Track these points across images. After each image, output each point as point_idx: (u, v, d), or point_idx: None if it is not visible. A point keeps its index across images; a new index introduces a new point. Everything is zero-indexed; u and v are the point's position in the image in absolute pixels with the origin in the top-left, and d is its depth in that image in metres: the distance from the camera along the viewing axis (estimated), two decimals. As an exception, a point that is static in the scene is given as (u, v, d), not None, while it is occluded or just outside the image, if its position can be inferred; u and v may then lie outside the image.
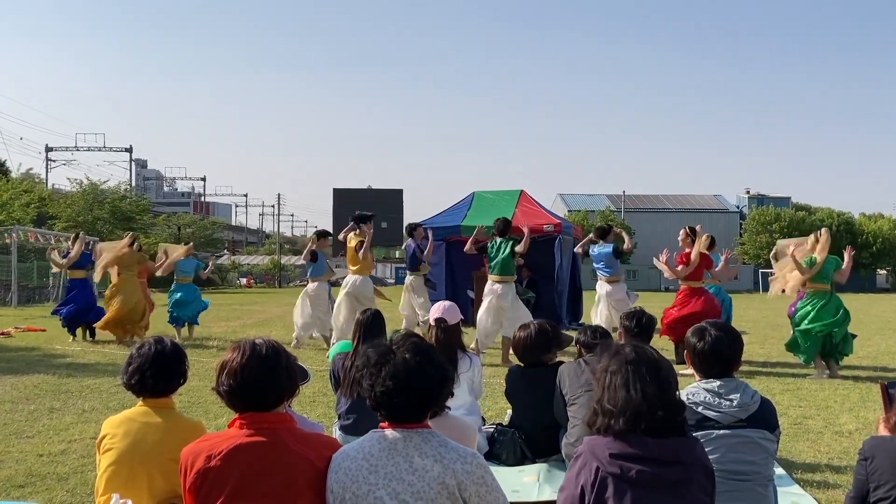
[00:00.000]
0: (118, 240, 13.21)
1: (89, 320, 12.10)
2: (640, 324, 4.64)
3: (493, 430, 4.80)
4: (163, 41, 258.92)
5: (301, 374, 2.81)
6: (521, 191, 16.92)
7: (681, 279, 9.58)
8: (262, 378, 2.35)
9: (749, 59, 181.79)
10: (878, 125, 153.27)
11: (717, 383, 2.90)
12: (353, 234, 10.91)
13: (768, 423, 2.92)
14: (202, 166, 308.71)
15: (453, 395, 2.49)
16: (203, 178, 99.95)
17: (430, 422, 2.31)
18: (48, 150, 64.25)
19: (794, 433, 5.85)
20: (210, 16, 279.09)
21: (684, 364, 5.05)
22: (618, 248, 10.56)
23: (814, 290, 8.84)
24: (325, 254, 11.46)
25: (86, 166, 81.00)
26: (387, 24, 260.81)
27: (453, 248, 14.95)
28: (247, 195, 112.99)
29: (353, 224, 10.92)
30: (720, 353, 2.91)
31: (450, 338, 4.62)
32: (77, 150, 66.45)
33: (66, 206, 39.70)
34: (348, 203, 78.99)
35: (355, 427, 4.16)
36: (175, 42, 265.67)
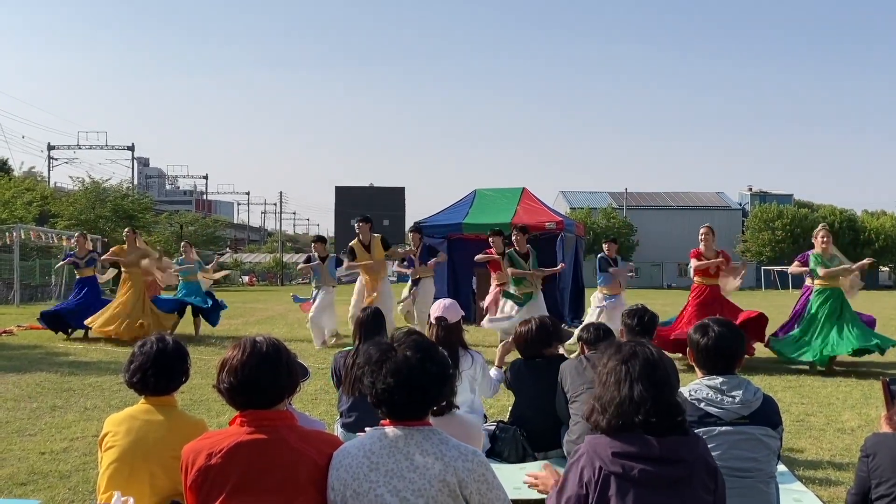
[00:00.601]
0: (120, 238, 13.15)
1: (79, 321, 12.02)
2: (642, 321, 4.64)
3: (494, 427, 4.80)
4: (165, 39, 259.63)
5: (301, 372, 2.81)
6: (523, 188, 16.92)
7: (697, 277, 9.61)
8: (263, 375, 2.35)
9: (752, 56, 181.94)
10: (882, 122, 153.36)
11: (720, 380, 2.90)
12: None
13: (771, 419, 2.91)
14: (204, 164, 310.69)
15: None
16: (205, 177, 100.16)
17: (436, 420, 2.30)
18: (50, 148, 64.33)
19: (796, 430, 5.85)
20: (213, 14, 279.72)
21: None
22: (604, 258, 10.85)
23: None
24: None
25: (88, 164, 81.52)
26: (389, 23, 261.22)
27: (455, 246, 14.95)
28: (249, 193, 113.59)
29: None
30: (723, 349, 2.91)
31: (451, 336, 4.62)
32: (79, 148, 66.55)
33: (69, 204, 39.76)
34: (350, 201, 79.08)
35: (357, 425, 4.16)
36: (177, 40, 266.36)
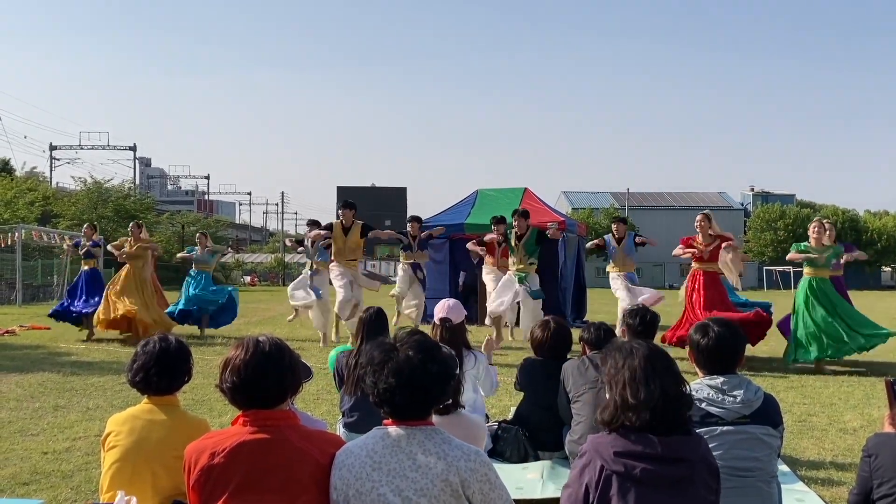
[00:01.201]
0: (121, 237, 13.13)
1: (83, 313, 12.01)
2: (643, 321, 4.64)
3: (496, 427, 4.81)
4: (166, 39, 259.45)
5: (304, 372, 2.82)
6: (525, 188, 16.90)
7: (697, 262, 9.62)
8: (266, 375, 2.35)
9: (754, 55, 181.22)
10: (884, 122, 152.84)
11: (721, 380, 2.90)
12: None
13: (772, 419, 2.91)
14: (206, 165, 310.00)
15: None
16: (207, 177, 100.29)
17: (441, 419, 2.30)
18: (52, 148, 64.52)
19: (798, 430, 5.85)
20: (214, 13, 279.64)
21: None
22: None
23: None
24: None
25: (90, 165, 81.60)
26: (390, 22, 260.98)
27: (457, 246, 14.94)
28: (250, 193, 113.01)
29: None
30: (723, 349, 2.91)
31: (455, 336, 4.63)
32: (81, 148, 66.76)
33: (70, 204, 39.85)
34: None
35: (359, 424, 4.17)
36: (178, 40, 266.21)
